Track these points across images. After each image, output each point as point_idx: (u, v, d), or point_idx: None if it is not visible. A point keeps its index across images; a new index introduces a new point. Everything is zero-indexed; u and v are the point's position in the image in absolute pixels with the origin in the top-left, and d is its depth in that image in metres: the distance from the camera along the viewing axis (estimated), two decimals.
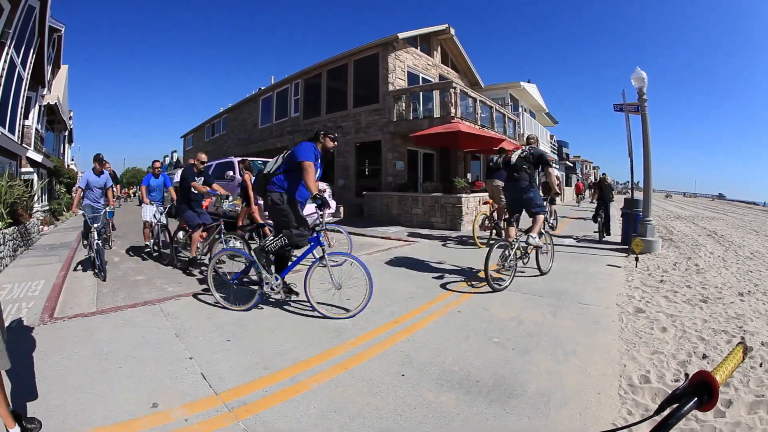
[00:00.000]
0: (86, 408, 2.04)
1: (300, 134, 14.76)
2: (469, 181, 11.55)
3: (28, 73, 10.14)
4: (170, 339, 2.93)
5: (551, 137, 26.31)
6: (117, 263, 5.70)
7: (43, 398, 2.11)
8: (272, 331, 3.11)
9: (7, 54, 8.28)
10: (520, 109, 19.36)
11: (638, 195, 7.50)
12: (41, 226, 9.29)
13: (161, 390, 2.22)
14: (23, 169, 10.89)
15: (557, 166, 28.54)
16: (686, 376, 0.59)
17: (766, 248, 7.76)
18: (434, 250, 6.71)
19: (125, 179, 50.16)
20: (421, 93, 12.30)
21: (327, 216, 8.38)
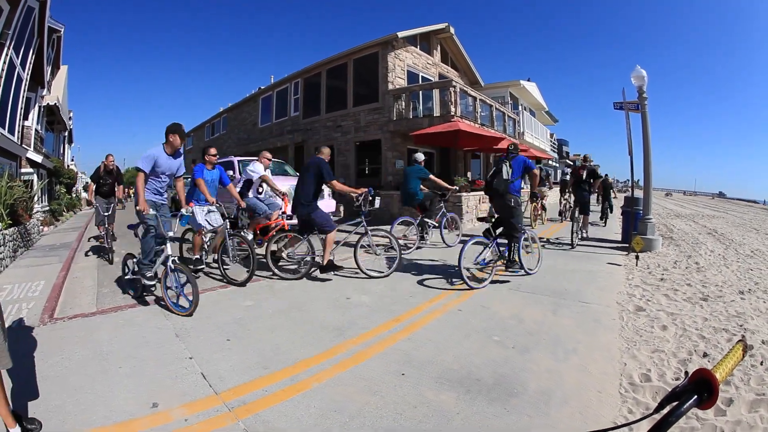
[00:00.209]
0: (86, 408, 2.03)
1: (300, 133, 14.75)
2: (470, 180, 11.55)
3: (28, 74, 10.14)
4: (170, 339, 2.93)
5: (551, 136, 26.29)
6: (118, 263, 5.68)
7: (44, 398, 2.11)
8: (272, 331, 3.11)
9: (7, 55, 8.28)
10: (520, 108, 19.33)
11: (638, 193, 7.50)
12: (41, 227, 9.29)
13: (161, 390, 2.22)
14: (23, 170, 10.89)
15: (557, 165, 28.56)
16: (686, 374, 0.58)
17: (767, 246, 7.76)
18: (435, 249, 6.70)
19: (125, 179, 49.90)
20: (421, 92, 12.28)
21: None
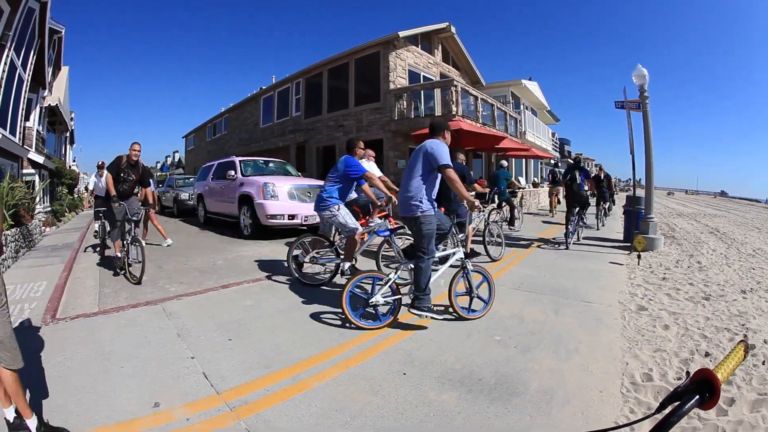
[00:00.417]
0: (88, 408, 2.04)
1: (301, 133, 14.76)
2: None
3: (29, 75, 10.16)
4: (172, 339, 2.93)
5: (553, 135, 26.24)
6: None
7: (46, 398, 2.12)
8: (274, 331, 3.11)
9: (8, 56, 8.29)
10: (522, 107, 19.30)
11: (640, 192, 7.48)
12: (43, 228, 9.32)
13: (163, 390, 2.22)
14: (25, 171, 10.92)
15: (559, 164, 28.48)
16: (687, 374, 0.58)
17: None
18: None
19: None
20: (423, 91, 12.27)
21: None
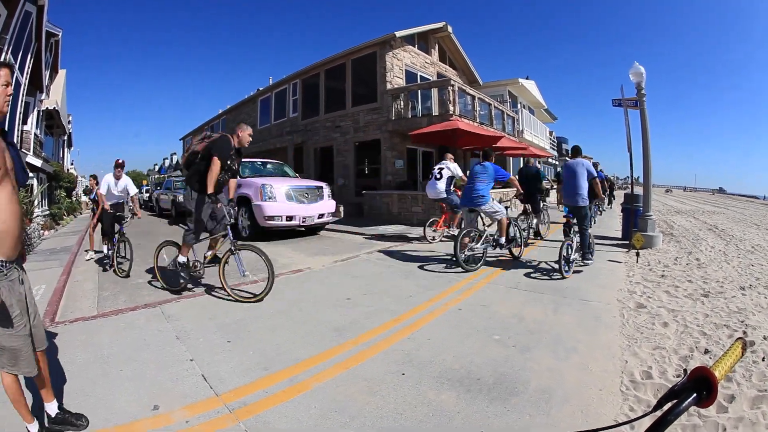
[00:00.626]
0: (88, 411, 2.03)
1: (299, 134, 14.76)
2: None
3: (26, 78, 10.16)
4: (171, 341, 2.93)
5: (551, 133, 26.30)
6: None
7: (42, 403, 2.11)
8: (273, 332, 3.11)
9: (4, 59, 8.28)
10: (519, 106, 19.32)
11: (638, 190, 7.49)
12: (42, 231, 9.30)
13: (162, 392, 2.22)
14: None
15: (557, 163, 28.53)
16: (685, 372, 0.58)
17: (767, 242, 7.76)
18: (435, 248, 6.70)
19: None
20: (420, 91, 12.27)
21: (327, 216, 8.40)
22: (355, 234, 8.57)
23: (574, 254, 4.97)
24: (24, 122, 10.91)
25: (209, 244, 4.24)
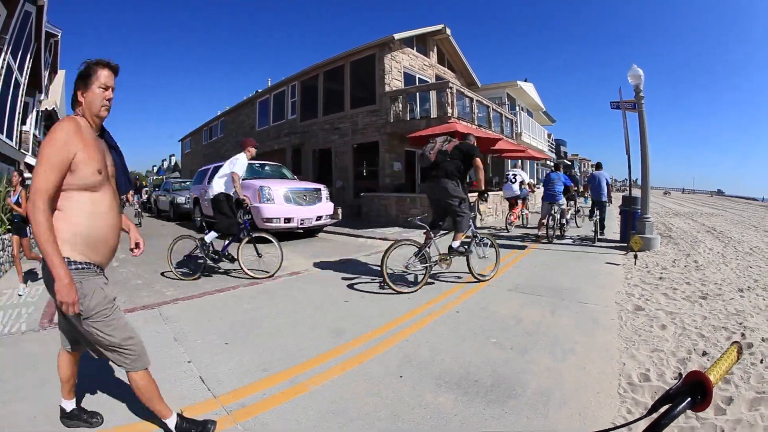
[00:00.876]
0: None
1: (297, 136, 14.77)
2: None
3: (26, 79, 10.14)
4: (169, 343, 2.92)
5: (549, 136, 26.33)
6: (116, 267, 5.68)
7: (43, 402, 2.12)
8: (271, 334, 3.10)
9: (4, 60, 8.27)
10: (518, 108, 19.38)
11: (636, 192, 7.51)
12: None
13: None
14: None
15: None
16: (680, 375, 0.58)
17: (766, 244, 7.77)
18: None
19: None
20: (418, 93, 12.30)
21: (325, 218, 8.39)
22: (354, 236, 8.57)
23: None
24: (23, 122, 10.89)
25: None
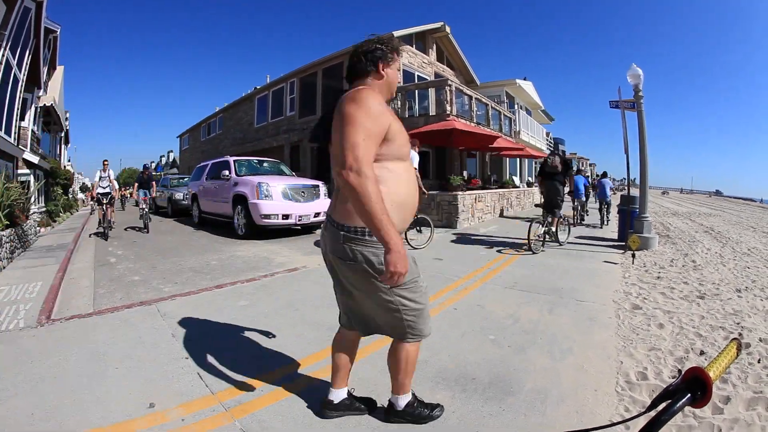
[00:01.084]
0: (84, 409, 2.03)
1: (296, 133, 14.74)
2: (465, 179, 11.56)
3: (24, 75, 10.09)
4: (167, 339, 2.92)
5: (547, 134, 26.33)
6: (113, 264, 5.68)
7: (41, 399, 2.10)
8: (268, 330, 3.10)
9: (3, 55, 8.23)
10: (516, 107, 19.37)
11: (635, 191, 7.52)
12: (38, 228, 9.25)
13: (158, 390, 2.21)
14: (20, 171, 10.84)
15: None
16: (679, 372, 0.58)
17: (764, 244, 7.80)
18: (431, 248, 6.70)
19: (122, 179, 50.16)
20: (417, 91, 12.28)
21: (323, 215, 8.42)
22: None
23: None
24: (22, 118, 10.84)
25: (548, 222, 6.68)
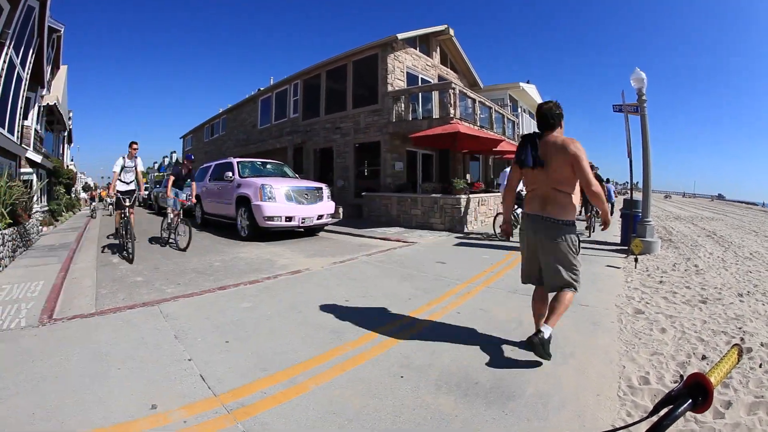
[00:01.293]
0: (85, 409, 2.03)
1: (299, 135, 14.77)
2: (468, 182, 11.56)
3: (28, 74, 10.14)
4: (169, 340, 2.93)
5: None
6: (116, 264, 5.69)
7: (42, 399, 2.11)
8: (271, 332, 3.11)
9: (7, 54, 8.28)
10: (519, 110, 19.38)
11: (637, 195, 7.51)
12: (40, 227, 9.29)
13: (160, 391, 2.22)
14: (22, 170, 10.89)
15: None
16: (681, 378, 0.58)
17: (766, 249, 7.77)
18: (434, 251, 6.71)
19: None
20: (420, 94, 12.31)
21: (326, 217, 8.43)
22: (355, 236, 8.58)
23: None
24: (25, 117, 10.90)
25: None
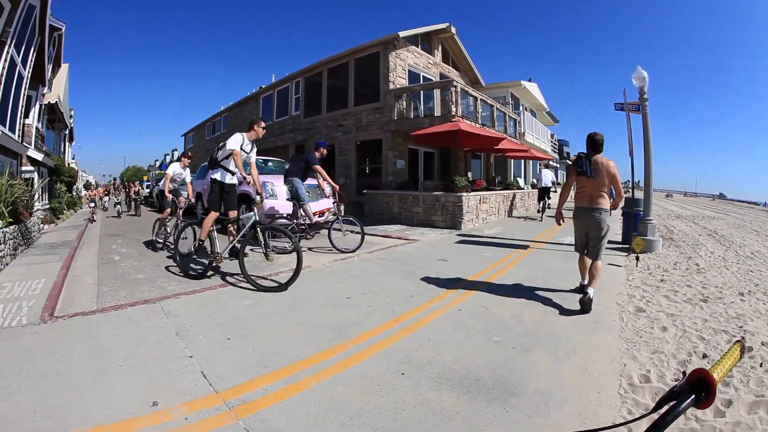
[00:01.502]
0: (87, 406, 2.04)
1: (301, 132, 14.76)
2: (470, 180, 11.55)
3: (29, 72, 10.15)
4: (171, 337, 2.93)
5: (552, 136, 26.26)
6: (117, 261, 5.71)
7: (44, 396, 2.12)
8: (272, 330, 3.11)
9: (8, 53, 8.28)
10: (521, 108, 19.33)
11: (639, 194, 7.50)
12: (42, 225, 9.30)
13: (161, 388, 2.22)
14: (24, 168, 10.90)
15: (557, 165, 28.54)
16: (684, 374, 0.58)
17: (767, 248, 7.75)
18: (435, 249, 6.71)
19: (125, 177, 50.44)
20: (422, 91, 12.28)
21: (327, 214, 8.43)
22: (356, 233, 8.56)
23: None
24: (26, 115, 10.91)
25: None
